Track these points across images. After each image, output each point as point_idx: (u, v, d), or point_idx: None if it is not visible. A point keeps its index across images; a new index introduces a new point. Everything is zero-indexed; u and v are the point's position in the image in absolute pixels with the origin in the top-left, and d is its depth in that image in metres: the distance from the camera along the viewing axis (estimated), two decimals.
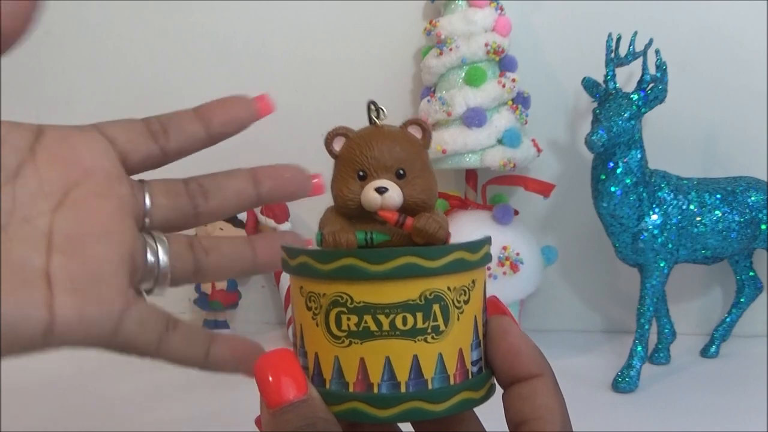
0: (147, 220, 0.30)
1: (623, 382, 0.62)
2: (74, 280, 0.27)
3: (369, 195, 0.26)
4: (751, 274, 0.70)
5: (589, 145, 0.60)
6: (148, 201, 0.30)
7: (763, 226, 0.65)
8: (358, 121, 0.31)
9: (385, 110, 0.28)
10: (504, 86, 0.68)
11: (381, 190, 0.26)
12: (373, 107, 0.28)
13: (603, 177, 0.62)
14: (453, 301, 0.26)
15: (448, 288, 0.26)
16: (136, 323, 0.28)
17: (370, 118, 0.28)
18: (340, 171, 0.28)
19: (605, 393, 0.62)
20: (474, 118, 0.67)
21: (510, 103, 0.69)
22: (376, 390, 0.26)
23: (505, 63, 0.71)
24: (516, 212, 0.70)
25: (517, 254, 0.67)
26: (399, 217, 0.26)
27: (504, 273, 0.66)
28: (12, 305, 0.25)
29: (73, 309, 0.26)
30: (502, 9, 0.71)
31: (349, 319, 0.26)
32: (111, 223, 0.28)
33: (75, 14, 0.83)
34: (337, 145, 0.28)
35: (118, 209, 0.29)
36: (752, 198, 0.65)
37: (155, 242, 0.30)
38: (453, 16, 0.70)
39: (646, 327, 0.63)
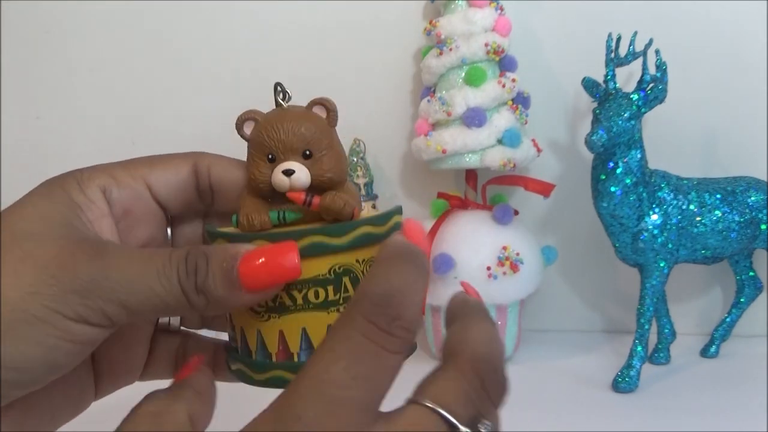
0: None
1: (623, 382, 0.62)
2: (110, 351, 0.31)
3: (277, 178, 0.28)
4: (751, 274, 0.70)
5: (589, 145, 0.60)
6: None
7: (763, 226, 0.65)
8: (358, 122, 0.31)
9: (290, 92, 0.30)
10: (504, 86, 0.68)
11: (288, 173, 0.28)
12: (279, 89, 0.29)
13: (603, 177, 0.62)
14: (363, 272, 0.28)
15: (357, 261, 0.28)
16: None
17: (277, 101, 0.30)
18: (252, 154, 0.29)
19: (605, 393, 0.62)
20: (474, 118, 0.67)
21: (510, 103, 0.69)
22: (296, 359, 0.27)
23: (505, 63, 0.71)
24: (516, 212, 0.70)
25: (517, 254, 0.67)
26: (306, 197, 0.28)
27: (504, 273, 0.66)
28: (83, 398, 0.31)
29: (109, 379, 0.32)
30: (502, 9, 0.71)
31: None
32: None
33: (75, 14, 0.83)
34: (248, 129, 0.29)
35: None
36: (752, 198, 0.65)
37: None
38: (453, 16, 0.70)
39: (646, 327, 0.63)
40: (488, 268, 0.66)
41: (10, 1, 0.83)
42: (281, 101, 0.30)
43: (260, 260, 0.25)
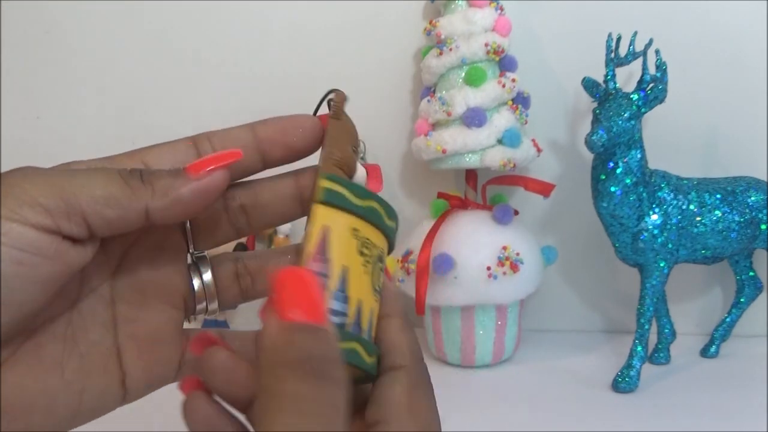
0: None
1: (623, 382, 0.62)
2: (140, 345, 0.29)
3: (360, 170, 0.30)
4: (751, 274, 0.70)
5: (589, 145, 0.60)
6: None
7: (763, 226, 0.65)
8: (358, 122, 0.31)
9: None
10: (504, 86, 0.68)
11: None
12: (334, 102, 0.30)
13: (603, 177, 0.62)
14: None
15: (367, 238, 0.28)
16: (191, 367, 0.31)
17: (336, 111, 0.30)
18: (342, 135, 0.30)
19: (605, 393, 0.62)
20: (474, 118, 0.67)
21: (510, 103, 0.69)
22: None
23: (505, 63, 0.71)
24: (516, 212, 0.70)
25: (517, 254, 0.67)
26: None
27: (504, 273, 0.66)
28: (94, 396, 0.28)
29: (142, 377, 0.29)
30: (502, 9, 0.71)
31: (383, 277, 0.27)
32: (167, 276, 0.30)
33: (75, 14, 0.83)
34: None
35: (172, 259, 0.30)
36: (752, 198, 0.65)
37: (202, 281, 0.31)
38: (453, 16, 0.70)
39: (646, 327, 0.63)
40: (488, 268, 0.66)
41: (10, 1, 0.83)
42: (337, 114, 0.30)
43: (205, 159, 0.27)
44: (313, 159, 0.30)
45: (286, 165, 0.31)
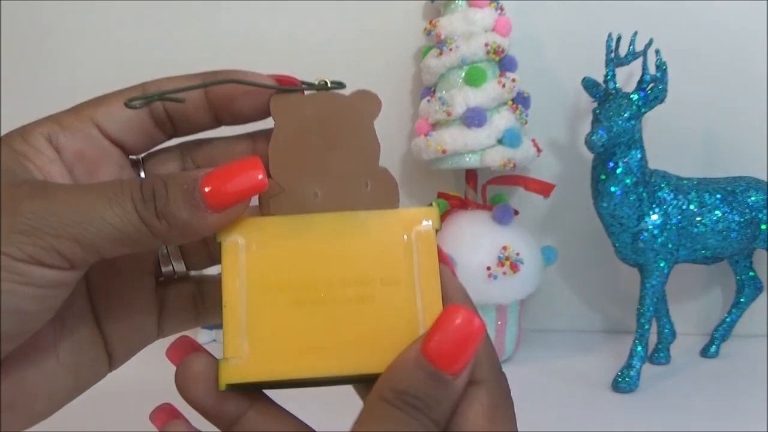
0: None
1: (623, 382, 0.62)
2: (115, 315, 0.30)
3: None
4: (751, 274, 0.70)
5: (589, 145, 0.60)
6: None
7: (763, 226, 0.65)
8: None
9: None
10: (504, 86, 0.68)
11: None
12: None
13: (603, 177, 0.62)
14: None
15: None
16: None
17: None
18: None
19: (605, 393, 0.62)
20: (474, 118, 0.67)
21: (510, 103, 0.69)
22: None
23: (505, 63, 0.71)
24: (516, 212, 0.70)
25: (517, 254, 0.67)
26: None
27: (504, 273, 0.66)
28: (87, 371, 0.29)
29: (121, 345, 0.30)
30: (502, 9, 0.71)
31: None
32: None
33: (75, 14, 0.83)
34: None
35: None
36: (752, 198, 0.65)
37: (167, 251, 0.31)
38: (453, 16, 0.70)
39: (646, 327, 0.63)
40: (488, 268, 0.66)
41: (10, 1, 0.83)
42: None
43: (223, 178, 0.25)
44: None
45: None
